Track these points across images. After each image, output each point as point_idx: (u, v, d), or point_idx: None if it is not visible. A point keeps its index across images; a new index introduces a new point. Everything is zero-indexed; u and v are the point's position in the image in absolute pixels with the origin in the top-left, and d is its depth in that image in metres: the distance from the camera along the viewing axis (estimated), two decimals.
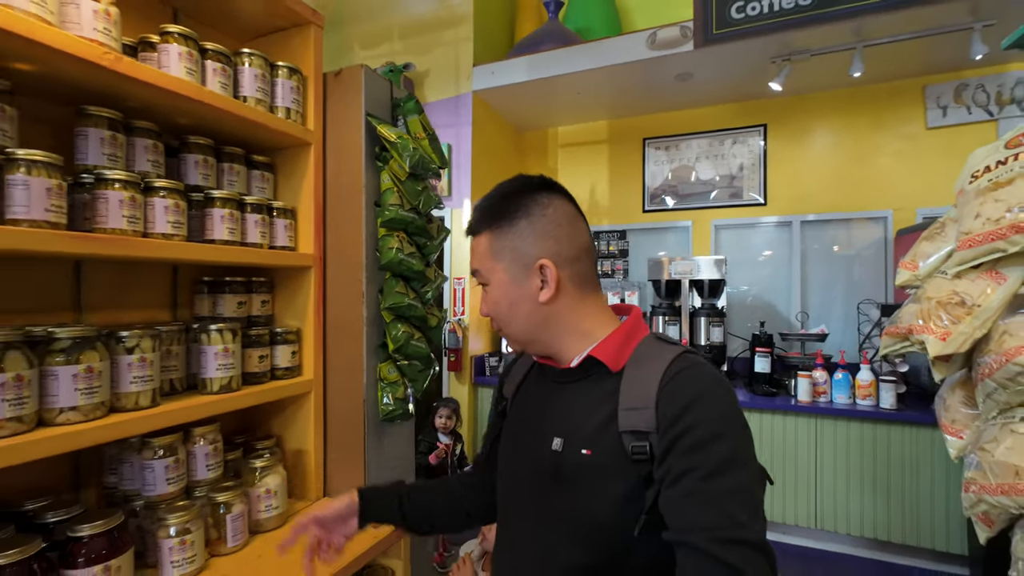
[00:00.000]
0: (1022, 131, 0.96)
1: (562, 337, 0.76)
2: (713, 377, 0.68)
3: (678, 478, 0.61)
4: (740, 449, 0.63)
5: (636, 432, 0.66)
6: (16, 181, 0.84)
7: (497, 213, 0.76)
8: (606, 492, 0.67)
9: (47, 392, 0.87)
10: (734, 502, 0.59)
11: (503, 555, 0.80)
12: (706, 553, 0.57)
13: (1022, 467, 0.86)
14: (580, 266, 0.75)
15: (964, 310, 0.92)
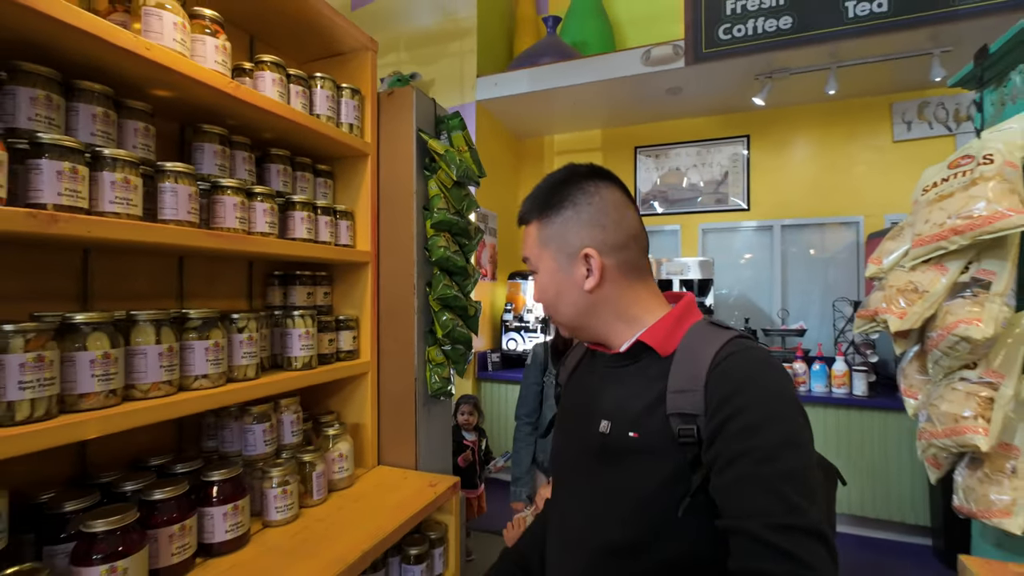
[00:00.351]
0: (962, 154, 1.21)
1: (610, 324, 0.76)
2: (765, 360, 0.66)
3: (729, 462, 0.60)
4: (794, 432, 0.61)
5: (683, 415, 0.65)
6: (166, 189, 1.03)
7: (545, 203, 0.78)
8: (651, 474, 0.67)
9: (186, 361, 1.06)
10: (789, 486, 0.57)
11: (553, 529, 0.82)
12: (760, 540, 0.55)
13: (959, 415, 1.10)
14: (627, 254, 0.75)
15: (917, 295, 1.16)
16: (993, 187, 1.06)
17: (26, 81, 0.88)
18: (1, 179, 0.77)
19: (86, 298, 1.10)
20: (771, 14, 3.17)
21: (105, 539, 0.84)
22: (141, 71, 0.99)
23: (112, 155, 0.92)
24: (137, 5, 1.02)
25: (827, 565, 0.54)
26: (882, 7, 2.93)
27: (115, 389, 0.91)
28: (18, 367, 0.78)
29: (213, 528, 1.05)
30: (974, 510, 1.13)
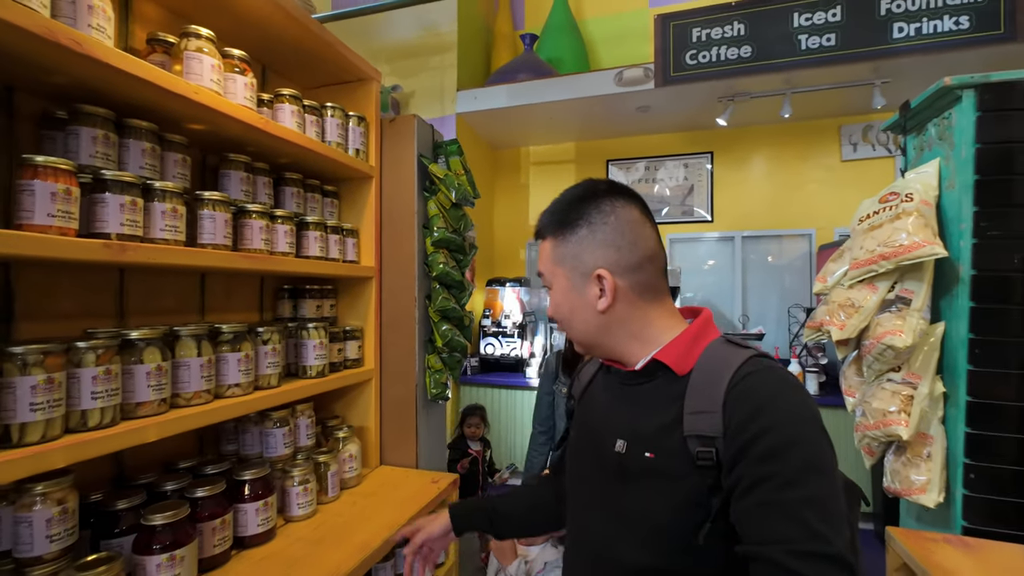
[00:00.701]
0: (890, 191, 1.44)
1: (624, 342, 0.75)
2: (785, 380, 0.65)
3: (751, 488, 0.59)
4: (817, 457, 0.59)
5: (702, 437, 0.64)
6: (205, 216, 1.13)
7: (560, 220, 0.77)
8: (667, 496, 0.66)
9: (220, 372, 1.16)
10: (812, 512, 0.55)
11: (570, 547, 0.82)
12: (782, 567, 0.54)
13: (887, 410, 1.32)
14: (642, 275, 0.73)
15: (854, 310, 1.38)
16: (912, 221, 1.28)
17: (87, 121, 0.98)
18: (75, 212, 0.88)
19: (123, 315, 1.19)
20: (733, 43, 3.44)
21: (163, 531, 0.95)
22: (185, 110, 1.10)
23: (162, 187, 1.03)
24: (179, 49, 1.12)
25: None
26: (831, 41, 3.23)
27: (165, 398, 1.02)
28: (91, 379, 0.89)
29: (247, 522, 1.16)
30: (899, 489, 1.35)
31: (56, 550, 0.86)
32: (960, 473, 1.28)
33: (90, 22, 0.90)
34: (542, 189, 4.85)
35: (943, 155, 1.37)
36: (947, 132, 1.35)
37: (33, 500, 0.85)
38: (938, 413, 1.32)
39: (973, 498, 1.27)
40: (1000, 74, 1.25)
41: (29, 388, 0.80)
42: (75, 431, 0.87)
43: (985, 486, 1.25)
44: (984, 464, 1.25)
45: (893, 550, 1.20)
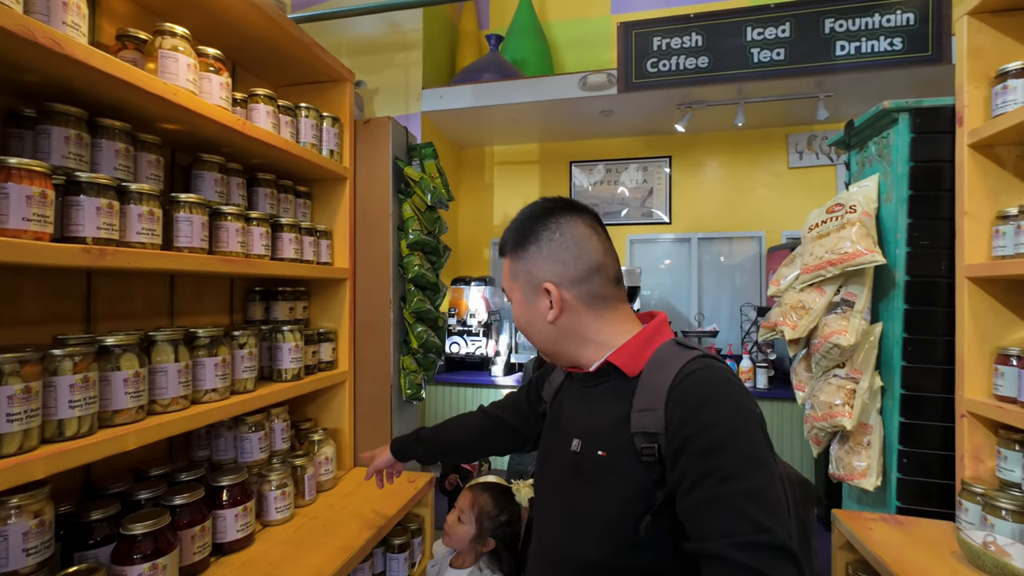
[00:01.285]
0: (836, 202, 1.57)
1: (579, 348, 0.79)
2: (725, 379, 0.67)
3: (694, 484, 0.61)
4: (754, 449, 0.61)
5: (646, 434, 0.66)
6: (181, 218, 1.11)
7: (513, 239, 0.82)
8: (617, 492, 0.69)
9: (198, 377, 1.15)
10: (753, 505, 0.57)
11: (534, 546, 0.86)
12: (729, 560, 0.55)
13: (832, 403, 1.45)
14: (589, 285, 0.77)
15: (805, 311, 1.50)
16: (856, 231, 1.41)
17: (59, 121, 0.94)
18: (51, 216, 0.85)
19: (90, 319, 1.15)
20: (691, 53, 3.60)
21: (144, 540, 0.94)
22: (161, 110, 1.08)
23: (138, 190, 1.00)
24: (152, 47, 1.10)
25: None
26: (780, 56, 3.44)
27: (143, 405, 1.00)
28: (68, 388, 0.86)
29: (226, 528, 1.15)
30: (842, 475, 1.49)
31: (32, 564, 0.84)
32: (895, 459, 1.43)
33: (64, 19, 0.87)
34: (506, 189, 4.90)
35: (882, 171, 1.51)
36: (885, 150, 1.49)
37: (8, 513, 0.82)
38: (876, 405, 1.46)
39: (906, 481, 1.41)
40: (931, 100, 1.39)
41: (6, 398, 0.77)
42: (52, 441, 0.85)
43: (916, 470, 1.40)
44: (915, 450, 1.40)
45: (838, 530, 1.33)
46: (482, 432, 1.16)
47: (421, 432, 1.23)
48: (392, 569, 1.51)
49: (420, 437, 1.22)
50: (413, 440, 1.22)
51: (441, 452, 1.23)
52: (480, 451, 1.22)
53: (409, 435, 1.24)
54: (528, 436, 1.09)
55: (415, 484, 1.57)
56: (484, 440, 1.16)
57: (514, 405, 1.12)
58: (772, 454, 0.65)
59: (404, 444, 1.23)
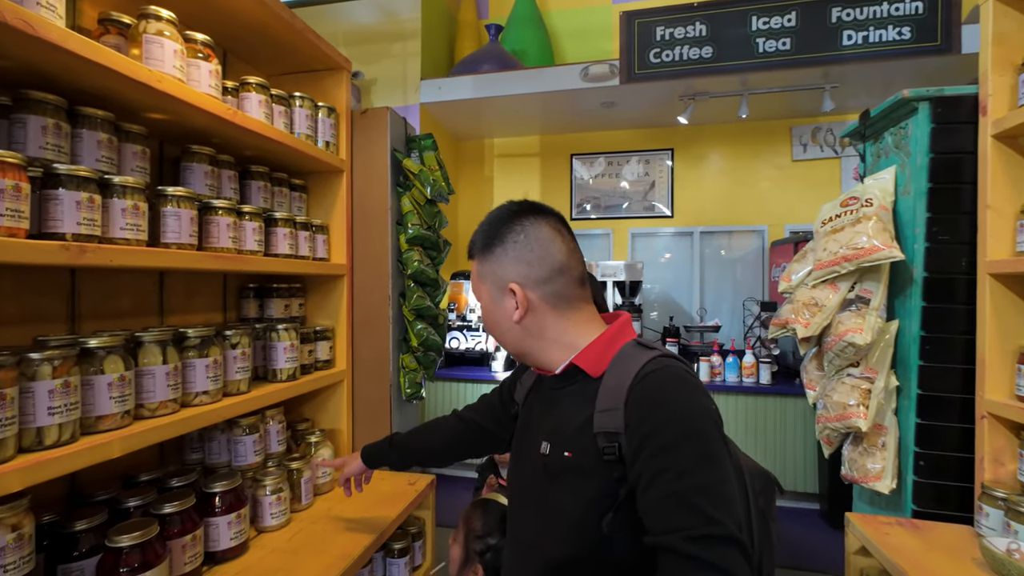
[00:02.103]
0: (850, 195, 1.52)
1: (546, 350, 0.80)
2: (680, 378, 0.70)
3: (650, 482, 0.63)
4: (706, 446, 0.64)
5: (607, 433, 0.69)
6: (169, 213, 1.06)
7: (481, 242, 0.83)
8: (583, 492, 0.71)
9: (187, 379, 1.09)
10: (705, 500, 0.60)
11: (510, 547, 0.88)
12: (681, 553, 0.58)
13: (846, 403, 1.41)
14: (554, 286, 0.78)
15: (817, 308, 1.46)
16: (872, 225, 1.36)
17: (36, 109, 0.89)
18: (26, 211, 0.79)
19: (75, 319, 1.10)
20: (695, 43, 3.52)
21: (131, 552, 0.89)
22: (145, 98, 1.02)
23: (122, 183, 0.95)
24: (136, 31, 1.03)
25: (743, 569, 0.58)
26: (785, 46, 3.37)
27: (129, 410, 0.95)
28: (47, 394, 0.81)
29: (219, 536, 1.10)
30: (856, 477, 1.45)
31: None
32: (911, 461, 1.38)
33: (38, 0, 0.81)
34: (506, 182, 4.83)
35: (899, 162, 1.46)
36: (903, 141, 1.43)
37: None
38: (892, 405, 1.42)
39: (922, 484, 1.37)
40: (953, 88, 1.33)
41: None
42: (30, 450, 0.80)
43: (933, 472, 1.36)
44: (932, 452, 1.36)
45: (852, 534, 1.29)
46: (456, 436, 1.15)
47: (394, 438, 1.20)
48: (393, 574, 1.47)
49: (393, 443, 1.19)
50: (386, 447, 1.19)
51: (415, 458, 1.20)
52: (455, 455, 1.20)
53: (381, 441, 1.22)
54: (503, 438, 1.09)
55: (415, 487, 1.53)
56: (459, 444, 1.15)
57: (488, 408, 1.11)
58: (727, 450, 0.67)
59: (376, 451, 1.21)
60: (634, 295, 4.03)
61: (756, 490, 0.81)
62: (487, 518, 1.11)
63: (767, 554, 0.80)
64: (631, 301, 4.01)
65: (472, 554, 1.08)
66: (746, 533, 0.69)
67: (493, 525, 1.10)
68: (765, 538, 0.80)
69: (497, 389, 1.11)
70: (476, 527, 1.10)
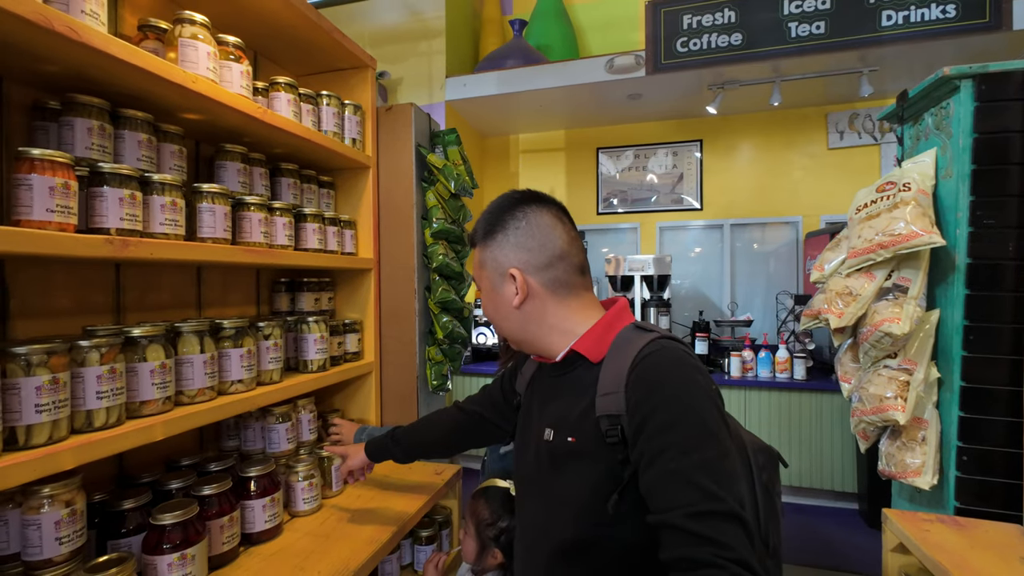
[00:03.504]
0: (887, 180, 1.46)
1: (546, 336, 0.81)
2: (679, 359, 0.70)
3: (651, 461, 0.64)
4: (706, 423, 0.65)
5: (609, 416, 0.69)
6: (204, 209, 1.10)
7: (483, 229, 0.84)
8: (588, 476, 0.72)
9: (223, 368, 1.14)
10: (705, 476, 0.61)
11: (518, 537, 0.89)
12: (683, 529, 0.59)
13: (883, 396, 1.36)
14: (554, 272, 0.79)
15: (852, 298, 1.41)
16: (910, 211, 1.30)
17: (82, 112, 0.94)
18: (74, 207, 0.85)
19: (120, 310, 1.16)
20: (723, 31, 3.44)
21: (173, 530, 0.94)
22: (181, 100, 1.06)
23: (161, 180, 0.99)
24: (172, 35, 1.08)
25: (743, 544, 0.58)
26: (820, 29, 3.25)
27: (170, 396, 1.00)
28: (96, 379, 0.86)
29: (254, 519, 1.15)
30: (894, 472, 1.39)
31: (66, 552, 0.85)
32: (953, 456, 1.33)
33: (83, 7, 0.86)
34: (531, 177, 4.83)
35: (940, 144, 1.39)
36: (944, 122, 1.37)
37: (41, 502, 0.83)
38: (932, 398, 1.36)
39: (965, 479, 1.31)
40: (998, 64, 1.27)
41: (34, 389, 0.77)
42: (81, 432, 0.85)
43: (977, 468, 1.30)
44: (976, 447, 1.30)
45: (890, 531, 1.24)
46: (458, 427, 1.15)
47: (396, 431, 1.21)
48: (420, 561, 1.50)
49: (395, 437, 1.19)
50: (388, 440, 1.20)
51: (418, 451, 1.20)
52: (457, 447, 1.19)
53: (384, 435, 1.22)
54: (505, 428, 1.09)
55: (442, 476, 1.55)
56: (461, 436, 1.15)
57: (489, 398, 1.11)
58: (726, 426, 0.68)
59: (379, 445, 1.21)
60: (662, 289, 3.97)
61: (759, 465, 0.82)
62: (492, 504, 1.13)
63: (774, 528, 0.81)
64: (659, 296, 3.96)
65: (488, 541, 1.09)
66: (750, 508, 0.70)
67: (500, 509, 1.12)
68: (771, 511, 0.81)
69: (498, 380, 1.11)
70: (485, 515, 1.11)
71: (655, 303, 3.88)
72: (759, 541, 0.73)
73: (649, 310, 3.87)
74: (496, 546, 1.12)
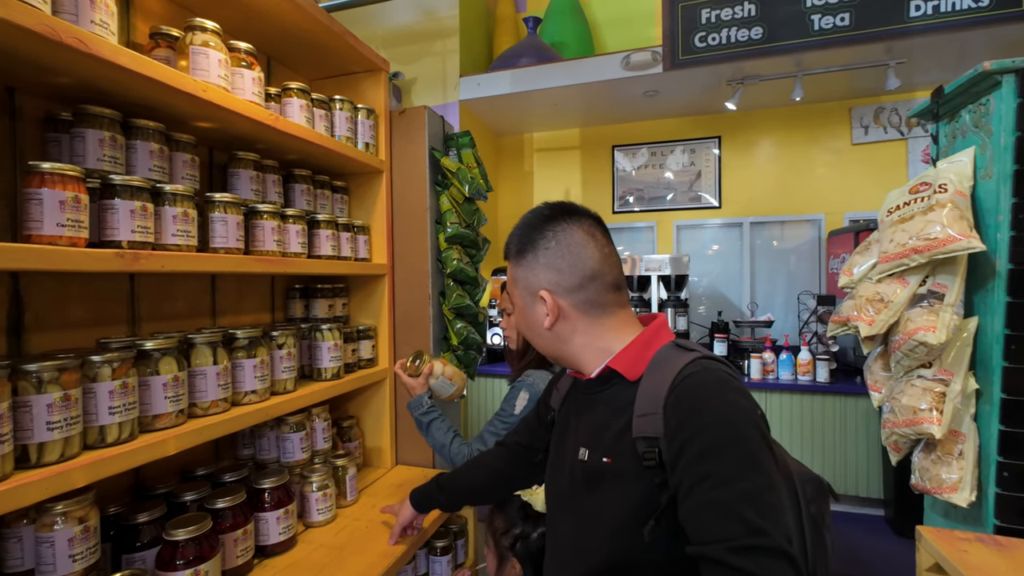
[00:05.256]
0: (920, 181, 1.39)
1: (579, 354, 0.79)
2: (721, 381, 0.67)
3: (691, 488, 0.61)
4: (750, 452, 0.61)
5: (647, 438, 0.67)
6: (216, 218, 1.09)
7: (515, 247, 0.82)
8: (623, 498, 0.69)
9: (236, 379, 1.13)
10: (749, 508, 0.57)
11: (549, 556, 0.86)
12: (725, 564, 0.56)
13: (917, 407, 1.30)
14: (585, 293, 0.77)
15: (883, 304, 1.34)
16: (947, 213, 1.24)
17: (93, 123, 0.93)
18: (85, 220, 0.84)
19: (135, 321, 1.16)
20: (743, 24, 3.35)
21: (186, 546, 0.93)
22: (193, 108, 1.05)
23: (172, 191, 0.98)
24: (184, 43, 1.07)
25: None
26: (844, 21, 3.15)
27: (183, 409, 0.99)
28: (108, 394, 0.85)
29: (268, 531, 1.14)
30: (928, 487, 1.33)
31: (79, 569, 0.84)
32: (993, 471, 1.26)
33: (92, 18, 0.85)
34: (546, 176, 4.78)
35: (978, 143, 1.32)
36: (984, 119, 1.30)
37: (54, 519, 0.82)
38: (970, 410, 1.29)
39: (1006, 496, 1.24)
40: None
41: (45, 406, 0.77)
42: (94, 448, 0.85)
43: (1019, 484, 1.23)
44: (1018, 462, 1.23)
45: (924, 550, 1.19)
46: (502, 462, 1.09)
47: (441, 479, 1.17)
48: (435, 572, 1.48)
49: (441, 484, 1.16)
50: (434, 489, 1.17)
51: (465, 495, 1.15)
52: (507, 484, 1.12)
53: (429, 484, 1.19)
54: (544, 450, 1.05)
55: None
56: (507, 470, 1.09)
57: (526, 425, 1.07)
58: (772, 454, 0.64)
59: (425, 494, 1.18)
60: (680, 289, 3.90)
61: (808, 496, 0.77)
62: (507, 513, 1.11)
63: (821, 564, 0.76)
64: (676, 295, 3.89)
65: (504, 551, 1.07)
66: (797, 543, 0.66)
67: (514, 517, 1.10)
68: (819, 547, 0.76)
69: (534, 408, 1.07)
70: (499, 526, 1.09)
71: (672, 303, 3.81)
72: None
73: (667, 311, 3.81)
74: (513, 555, 1.09)
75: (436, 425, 1.34)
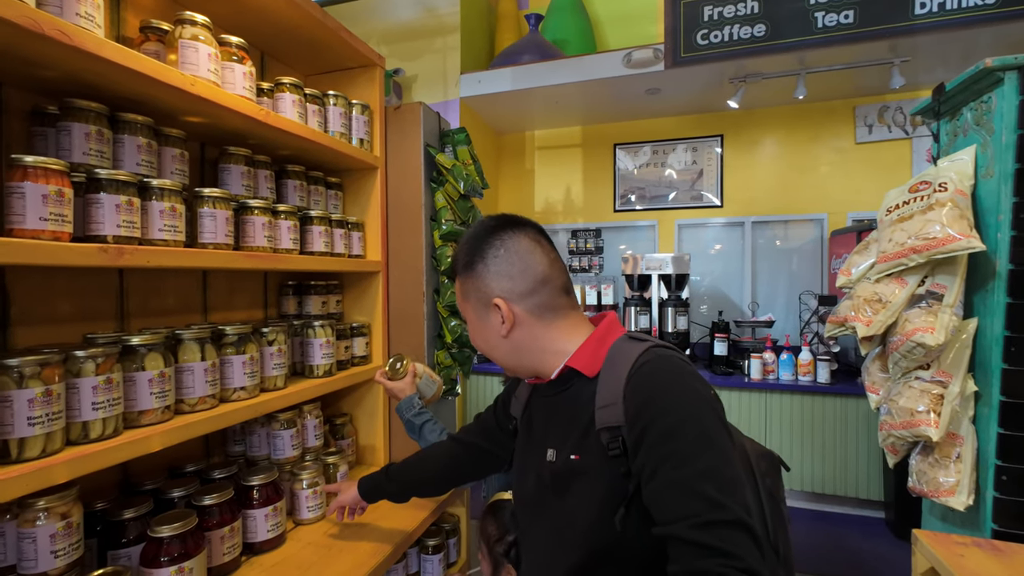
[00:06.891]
0: (920, 180, 1.37)
1: (538, 359, 0.81)
2: (675, 367, 0.70)
3: (653, 472, 0.63)
4: (706, 430, 0.64)
5: (609, 428, 0.69)
6: (205, 214, 1.08)
7: (462, 260, 0.83)
8: (593, 493, 0.70)
9: (225, 375, 1.13)
10: (708, 485, 0.59)
11: (524, 563, 0.87)
12: (690, 540, 0.58)
13: (915, 409, 1.28)
14: (537, 298, 0.79)
15: (881, 305, 1.33)
16: (947, 213, 1.22)
17: (79, 117, 0.92)
18: (69, 215, 0.83)
19: (123, 317, 1.15)
20: (746, 22, 3.32)
21: (171, 542, 0.92)
22: (181, 103, 1.04)
23: (159, 185, 0.97)
24: (173, 37, 1.06)
25: (752, 552, 0.57)
26: (848, 19, 3.12)
27: (169, 405, 0.98)
28: (91, 389, 0.85)
29: (256, 528, 1.13)
30: (925, 490, 1.31)
31: (61, 565, 0.83)
32: (991, 475, 1.24)
33: (78, 11, 0.84)
34: (547, 174, 4.76)
35: (980, 141, 1.30)
36: (985, 117, 1.28)
37: (36, 515, 0.82)
38: (969, 413, 1.28)
39: (1004, 501, 1.23)
40: None
41: (27, 401, 0.76)
42: (76, 443, 0.84)
43: (1017, 488, 1.21)
44: (1017, 466, 1.21)
45: (920, 554, 1.17)
46: (454, 459, 1.10)
47: (390, 469, 1.17)
48: (427, 571, 1.47)
49: (390, 474, 1.16)
50: (383, 478, 1.16)
51: (413, 487, 1.15)
52: (455, 479, 1.14)
53: (378, 472, 1.18)
54: (502, 456, 1.06)
55: None
56: (458, 467, 1.11)
57: (483, 427, 1.07)
58: (727, 434, 0.67)
59: (374, 484, 1.17)
60: (680, 289, 3.88)
61: (762, 471, 0.80)
62: (499, 519, 1.10)
63: (782, 534, 0.79)
64: (678, 295, 3.87)
65: (499, 558, 1.06)
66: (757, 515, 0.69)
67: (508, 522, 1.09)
68: (777, 517, 0.80)
69: (491, 407, 1.07)
70: (492, 532, 1.08)
71: (673, 303, 3.79)
72: (769, 549, 0.72)
73: (667, 310, 3.79)
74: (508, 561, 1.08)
75: (429, 427, 1.33)
